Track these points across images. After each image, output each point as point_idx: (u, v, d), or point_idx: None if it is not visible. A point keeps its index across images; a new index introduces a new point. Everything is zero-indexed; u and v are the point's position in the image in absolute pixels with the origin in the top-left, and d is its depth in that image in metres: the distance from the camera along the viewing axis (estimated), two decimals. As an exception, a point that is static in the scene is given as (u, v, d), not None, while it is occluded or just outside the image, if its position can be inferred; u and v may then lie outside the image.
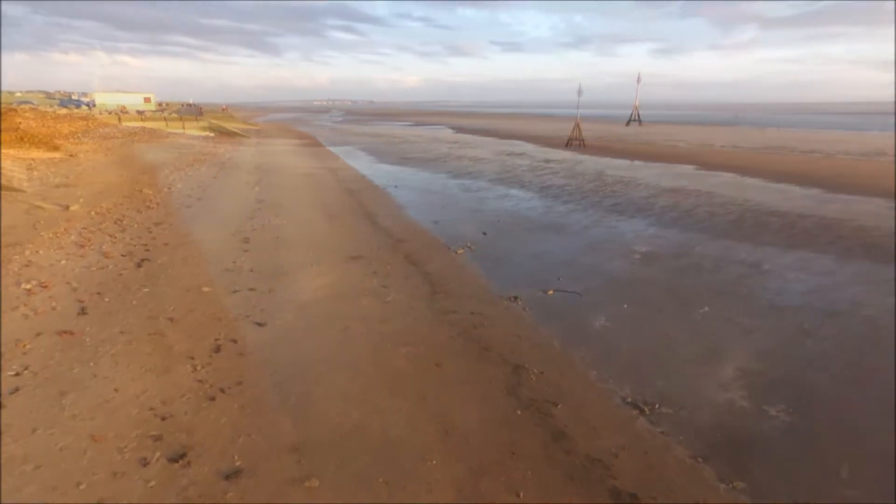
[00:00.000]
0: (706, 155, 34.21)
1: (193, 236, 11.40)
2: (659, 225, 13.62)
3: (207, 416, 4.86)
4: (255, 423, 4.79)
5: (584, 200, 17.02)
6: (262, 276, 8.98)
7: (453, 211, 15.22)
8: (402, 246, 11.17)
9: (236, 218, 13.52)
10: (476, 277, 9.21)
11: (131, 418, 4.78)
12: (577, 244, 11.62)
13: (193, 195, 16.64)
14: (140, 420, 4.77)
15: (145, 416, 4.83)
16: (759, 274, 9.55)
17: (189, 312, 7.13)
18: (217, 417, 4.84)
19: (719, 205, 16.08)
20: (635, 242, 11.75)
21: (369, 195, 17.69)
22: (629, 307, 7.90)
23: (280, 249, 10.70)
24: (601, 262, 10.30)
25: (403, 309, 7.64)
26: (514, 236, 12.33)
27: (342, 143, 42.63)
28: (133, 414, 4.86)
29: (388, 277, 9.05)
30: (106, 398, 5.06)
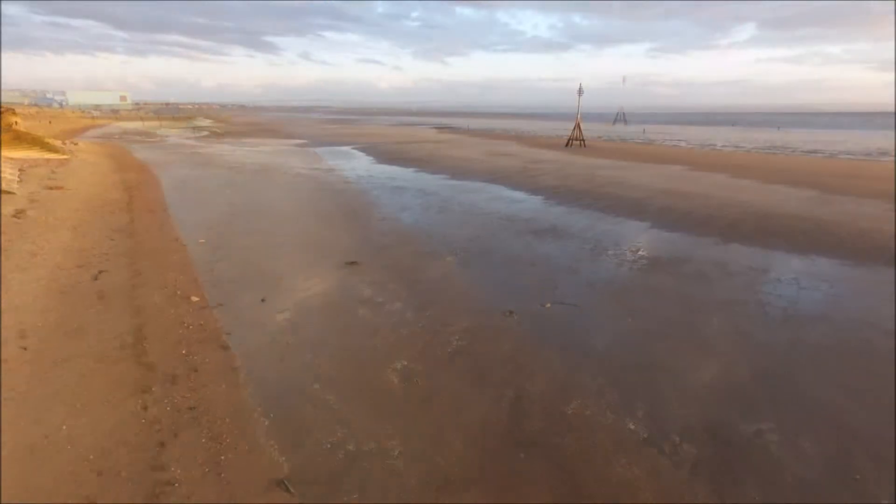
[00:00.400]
0: (701, 156, 33.85)
1: (179, 241, 11.00)
2: (659, 228, 13.21)
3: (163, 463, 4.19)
4: (233, 461, 4.38)
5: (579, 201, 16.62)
6: (245, 285, 8.57)
7: (439, 214, 14.80)
8: (389, 253, 10.75)
9: (219, 220, 13.12)
10: (468, 288, 8.79)
11: (60, 473, 4.02)
12: (572, 249, 11.21)
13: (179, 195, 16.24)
14: (71, 476, 4.00)
15: (79, 470, 4.08)
16: (770, 282, 9.16)
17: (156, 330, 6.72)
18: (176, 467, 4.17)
19: (717, 206, 15.68)
20: (633, 247, 11.35)
21: (352, 198, 17.27)
22: (633, 321, 7.49)
23: (266, 257, 10.29)
24: (597, 269, 9.89)
25: (395, 322, 7.22)
26: (504, 241, 11.91)
27: (328, 144, 42.19)
28: (64, 468, 4.08)
29: (379, 288, 8.63)
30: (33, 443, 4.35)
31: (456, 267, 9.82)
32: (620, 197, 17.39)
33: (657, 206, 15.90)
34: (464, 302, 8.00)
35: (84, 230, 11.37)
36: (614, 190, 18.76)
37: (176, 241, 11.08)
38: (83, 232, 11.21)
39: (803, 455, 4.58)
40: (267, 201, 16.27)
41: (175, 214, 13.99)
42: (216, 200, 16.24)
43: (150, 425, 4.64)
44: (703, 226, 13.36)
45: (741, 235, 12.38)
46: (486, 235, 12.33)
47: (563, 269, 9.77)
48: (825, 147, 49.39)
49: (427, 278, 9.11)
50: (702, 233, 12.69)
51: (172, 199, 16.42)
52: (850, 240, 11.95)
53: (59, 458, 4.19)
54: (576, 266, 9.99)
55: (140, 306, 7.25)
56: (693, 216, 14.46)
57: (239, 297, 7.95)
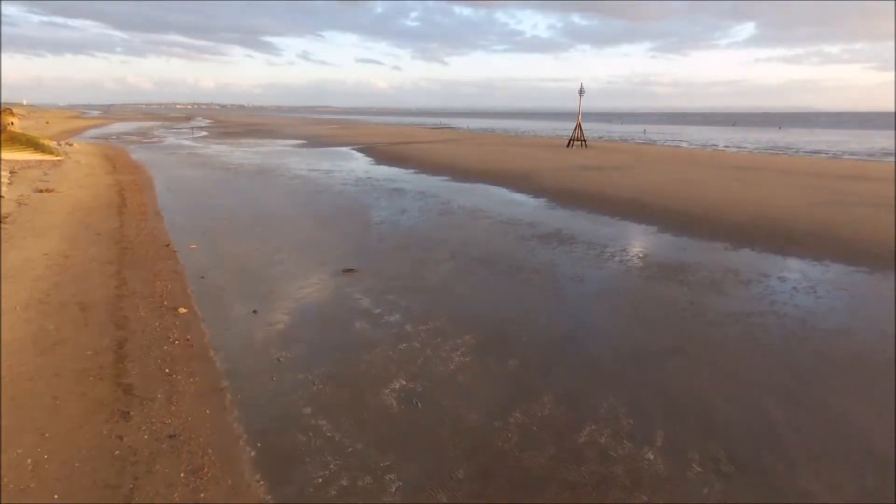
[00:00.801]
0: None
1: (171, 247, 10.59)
2: (667, 231, 12.79)
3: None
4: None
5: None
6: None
7: (439, 217, 14.38)
8: (388, 259, 10.32)
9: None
10: (470, 297, 8.38)
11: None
12: (578, 255, 10.81)
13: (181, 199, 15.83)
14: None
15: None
16: (787, 291, 8.75)
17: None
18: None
19: (726, 209, 15.26)
20: (641, 252, 10.94)
21: (350, 200, 16.86)
22: (646, 335, 7.07)
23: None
24: (605, 276, 9.48)
25: (394, 336, 6.81)
26: (508, 246, 11.51)
27: (326, 145, 41.76)
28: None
29: (376, 297, 8.21)
30: None
31: (457, 274, 9.41)
32: (626, 199, 16.98)
33: (663, 208, 15.50)
34: (466, 313, 7.59)
35: (71, 235, 10.96)
36: (619, 193, 18.36)
37: (167, 246, 10.67)
38: (70, 237, 10.79)
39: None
40: (263, 204, 15.87)
41: (168, 218, 13.58)
42: (211, 203, 15.85)
43: (125, 458, 4.23)
44: (712, 230, 12.95)
45: (752, 240, 11.97)
46: (489, 240, 11.92)
47: (569, 277, 9.36)
48: (828, 148, 49.02)
49: (427, 287, 8.71)
50: (711, 237, 12.27)
51: (166, 201, 16.02)
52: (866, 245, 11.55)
53: (21, 499, 3.78)
54: (582, 273, 9.58)
55: (124, 319, 6.84)
56: (702, 220, 14.05)
57: (229, 309, 7.54)
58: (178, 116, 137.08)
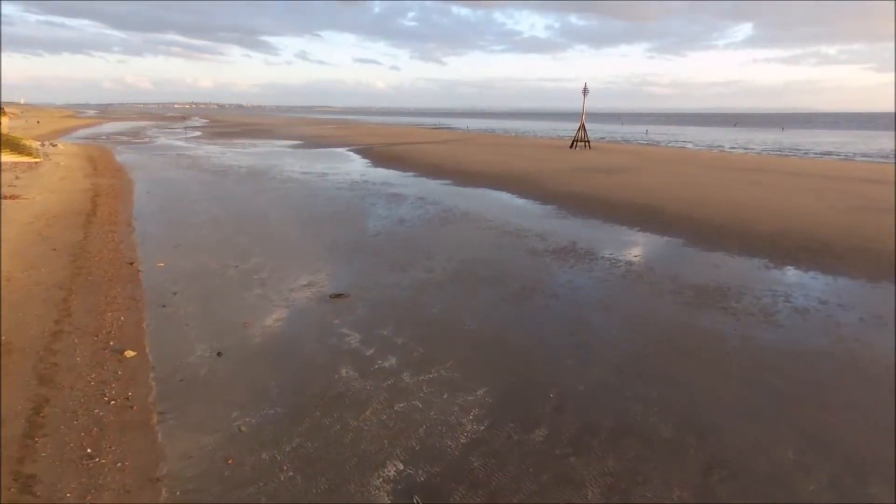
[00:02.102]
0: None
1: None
2: (693, 245, 11.51)
3: None
4: None
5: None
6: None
7: (441, 227, 13.08)
8: (383, 281, 9.00)
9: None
10: (480, 333, 7.08)
11: None
12: (599, 275, 9.53)
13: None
14: None
15: None
16: (853, 323, 7.47)
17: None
18: None
19: (750, 216, 13.97)
20: (669, 270, 9.66)
21: (344, 208, 15.53)
22: (694, 382, 5.78)
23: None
24: (634, 302, 8.20)
25: (388, 390, 5.49)
26: (518, 263, 10.21)
27: (323, 145, 40.38)
28: None
29: (369, 333, 6.89)
30: None
31: (463, 300, 8.10)
32: (641, 206, 15.68)
33: (683, 216, 14.20)
34: (476, 355, 6.28)
35: (23, 251, 9.62)
36: (632, 198, 17.05)
37: (130, 265, 9.34)
38: (21, 254, 9.46)
39: None
40: (249, 212, 14.54)
41: (140, 229, 12.25)
42: (192, 210, 14.52)
43: None
44: (743, 242, 11.65)
45: (791, 255, 10.67)
46: (497, 256, 10.61)
47: (594, 304, 8.05)
48: (836, 149, 47.85)
49: (428, 318, 7.39)
50: (744, 251, 10.98)
51: (143, 208, 14.69)
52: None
53: None
54: (608, 299, 8.28)
55: (52, 369, 5.51)
56: (728, 229, 12.75)
57: (190, 349, 6.22)
58: (175, 116, 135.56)
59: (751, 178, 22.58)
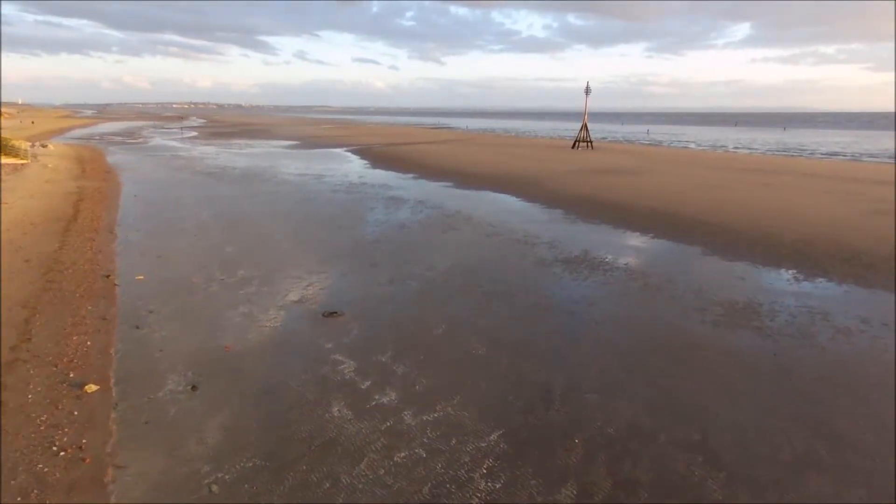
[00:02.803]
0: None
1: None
2: (715, 254, 10.77)
3: None
4: None
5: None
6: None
7: (443, 234, 12.34)
8: (381, 296, 8.25)
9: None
10: (490, 361, 6.34)
11: None
12: (617, 288, 8.79)
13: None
14: None
15: None
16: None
17: None
18: None
19: (772, 222, 13.23)
20: (693, 282, 8.92)
21: (341, 212, 14.79)
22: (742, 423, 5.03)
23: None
24: (660, 322, 7.46)
25: (386, 435, 4.75)
26: (528, 275, 9.48)
27: (320, 146, 39.57)
28: None
29: (364, 360, 6.14)
30: None
31: (470, 318, 7.35)
32: (652, 211, 14.94)
33: (699, 221, 13.46)
34: (487, 387, 5.54)
35: (-10, 263, 8.86)
36: (642, 201, 16.31)
37: (107, 278, 8.58)
38: (-12, 266, 8.70)
39: None
40: (241, 217, 13.78)
41: (122, 236, 11.49)
42: (180, 216, 13.75)
43: None
44: (766, 251, 10.91)
45: (822, 266, 9.93)
46: (504, 266, 9.87)
47: (614, 324, 7.30)
48: (842, 149, 47.18)
49: (432, 340, 6.65)
50: (770, 261, 10.24)
51: (128, 213, 13.93)
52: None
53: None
54: (628, 317, 7.53)
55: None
56: (748, 236, 12.01)
57: (161, 381, 5.46)
58: (172, 116, 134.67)
59: (762, 179, 21.84)
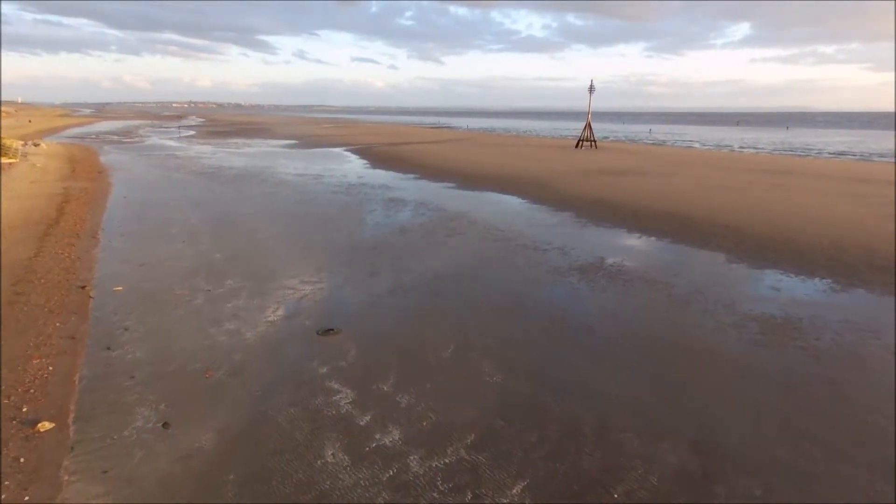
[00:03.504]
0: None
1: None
2: (749, 264, 10.04)
3: None
4: None
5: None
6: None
7: (447, 239, 11.61)
8: (381, 311, 7.52)
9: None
10: (504, 390, 5.61)
11: None
12: (642, 301, 8.07)
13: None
14: None
15: None
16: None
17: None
18: None
19: (812, 228, 12.50)
20: (725, 295, 8.19)
21: (339, 214, 14.04)
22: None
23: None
24: (698, 342, 6.73)
25: (389, 489, 4.02)
26: (541, 286, 8.75)
27: (319, 145, 38.82)
28: None
29: (364, 389, 5.42)
30: None
31: (480, 338, 6.61)
32: (666, 214, 14.20)
33: (718, 225, 12.72)
34: (503, 424, 4.79)
35: (-45, 273, 8.12)
36: (655, 203, 15.57)
37: (82, 289, 7.85)
38: (-48, 276, 7.96)
39: None
40: (233, 221, 13.04)
41: (106, 241, 10.76)
42: (169, 219, 13.01)
43: None
44: (796, 258, 10.18)
45: (860, 275, 9.20)
46: (514, 276, 9.13)
47: (641, 344, 6.57)
48: (848, 149, 46.47)
49: (439, 365, 5.91)
50: (802, 270, 9.51)
51: (115, 216, 13.19)
52: None
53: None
54: (657, 338, 6.80)
55: None
56: (773, 242, 11.27)
57: (129, 417, 4.73)
58: (171, 115, 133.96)
59: (776, 180, 21.11)
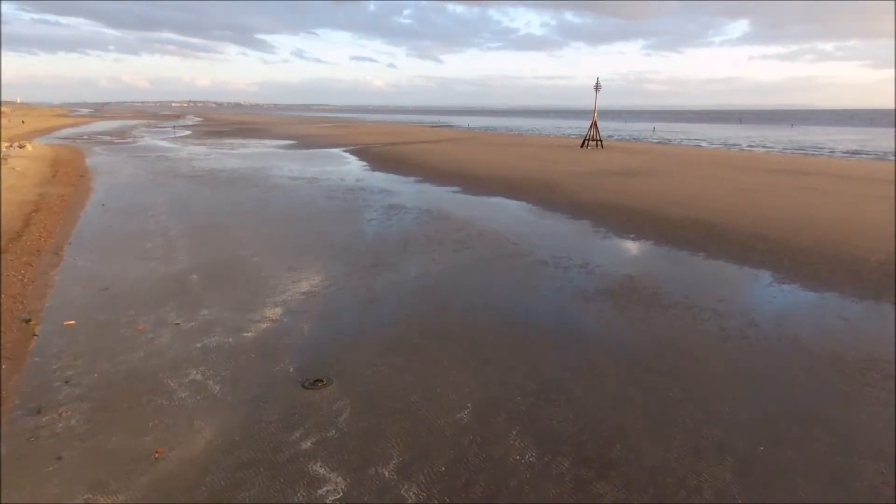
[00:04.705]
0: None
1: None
2: (799, 285, 8.82)
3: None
4: None
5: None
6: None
7: (454, 254, 10.39)
8: (378, 353, 6.30)
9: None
10: (541, 469, 4.39)
11: None
12: (681, 329, 6.86)
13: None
14: None
15: None
16: None
17: None
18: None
19: (862, 241, 11.26)
20: (777, 324, 6.98)
21: (334, 224, 12.81)
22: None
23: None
24: (758, 385, 5.51)
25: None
26: (565, 313, 7.53)
27: (317, 145, 37.55)
28: None
29: (359, 471, 4.21)
30: None
31: (507, 395, 5.37)
32: (694, 222, 12.96)
33: (756, 237, 11.48)
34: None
35: None
36: (677, 210, 14.34)
37: (26, 324, 6.62)
38: None
39: None
40: (217, 232, 11.80)
41: (70, 259, 9.53)
42: (146, 231, 11.77)
43: None
44: (856, 278, 8.95)
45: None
46: (534, 302, 7.89)
47: (696, 393, 5.33)
48: (861, 147, 45.24)
49: (454, 439, 4.66)
50: (867, 294, 8.27)
51: (87, 227, 11.96)
52: None
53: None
54: (713, 387, 5.57)
55: None
56: (823, 257, 10.04)
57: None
58: (169, 115, 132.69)
59: (798, 181, 19.86)
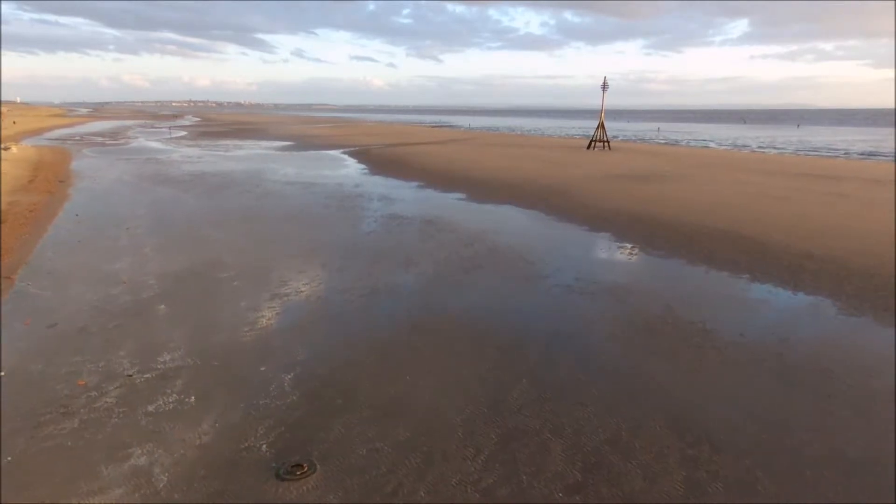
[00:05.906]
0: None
1: None
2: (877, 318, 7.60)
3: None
4: None
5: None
6: None
7: (464, 275, 9.17)
8: (376, 418, 5.08)
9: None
10: None
11: None
12: (738, 382, 5.63)
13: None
14: None
15: None
16: None
17: None
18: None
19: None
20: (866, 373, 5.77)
21: (328, 239, 11.59)
22: None
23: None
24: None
25: None
26: (598, 354, 6.31)
27: (316, 147, 36.31)
28: None
29: None
30: None
31: (543, 483, 4.16)
32: (725, 235, 11.72)
33: (802, 255, 10.23)
34: None
35: None
36: (704, 220, 13.10)
37: (-56, 378, 5.40)
38: None
39: None
40: (196, 250, 10.57)
41: (21, 285, 8.31)
42: (117, 248, 10.54)
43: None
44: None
45: None
46: (560, 343, 6.65)
47: (786, 466, 4.11)
48: (875, 149, 44.02)
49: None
50: None
51: (52, 244, 10.74)
52: None
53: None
54: (803, 454, 4.34)
55: None
56: (883, 278, 8.81)
57: None
58: (167, 115, 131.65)
59: (832, 188, 18.59)
